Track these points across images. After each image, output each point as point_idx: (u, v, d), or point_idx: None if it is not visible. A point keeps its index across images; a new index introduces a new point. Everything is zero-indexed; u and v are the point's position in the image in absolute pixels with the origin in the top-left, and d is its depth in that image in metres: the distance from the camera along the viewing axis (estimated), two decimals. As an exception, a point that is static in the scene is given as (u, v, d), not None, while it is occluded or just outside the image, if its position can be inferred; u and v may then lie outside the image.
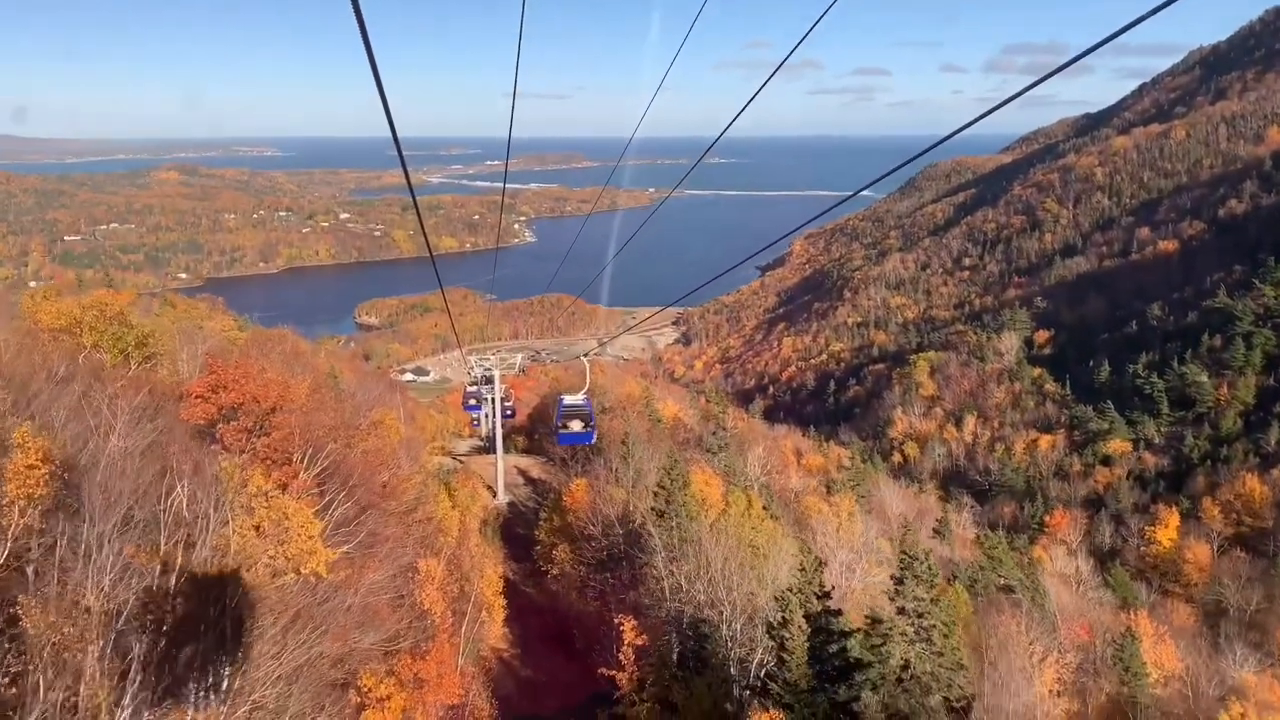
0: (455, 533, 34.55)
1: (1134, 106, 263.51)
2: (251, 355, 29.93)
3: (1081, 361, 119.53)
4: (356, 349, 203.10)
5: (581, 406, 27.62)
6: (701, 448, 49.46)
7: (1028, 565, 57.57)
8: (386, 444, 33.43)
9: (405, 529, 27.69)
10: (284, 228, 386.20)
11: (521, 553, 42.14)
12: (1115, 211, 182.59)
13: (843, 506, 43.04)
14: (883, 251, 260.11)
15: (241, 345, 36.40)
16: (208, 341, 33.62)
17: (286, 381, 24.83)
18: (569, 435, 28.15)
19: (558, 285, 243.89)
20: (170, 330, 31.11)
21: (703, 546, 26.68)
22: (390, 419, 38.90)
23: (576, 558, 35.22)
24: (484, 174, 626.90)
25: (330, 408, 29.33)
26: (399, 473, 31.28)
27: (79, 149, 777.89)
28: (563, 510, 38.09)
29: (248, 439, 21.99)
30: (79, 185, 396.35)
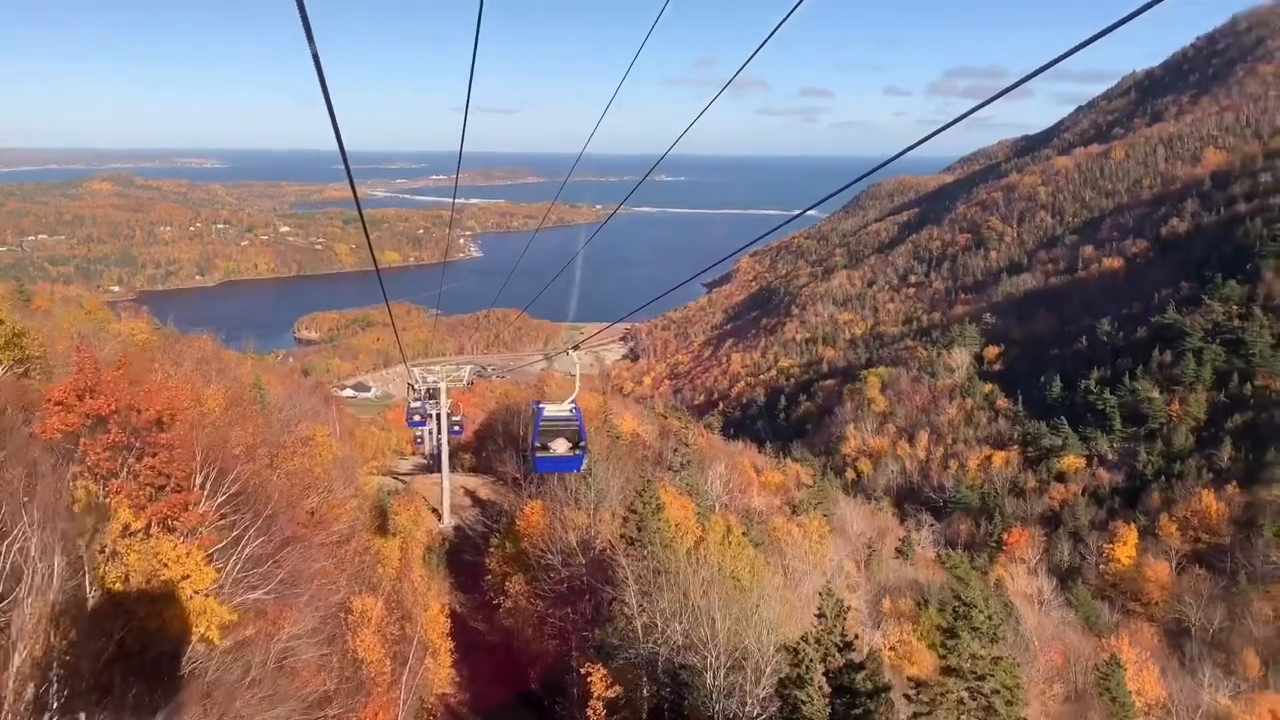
0: (396, 563, 31.05)
1: (1072, 128, 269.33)
2: (153, 360, 26.12)
3: (1032, 377, 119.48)
4: (295, 364, 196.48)
5: (568, 420, 19.96)
6: (662, 465, 46.60)
7: (995, 587, 55.70)
8: (317, 464, 29.81)
9: (337, 563, 24.11)
10: (222, 240, 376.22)
11: (470, 582, 38.34)
12: (1059, 230, 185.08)
13: (812, 528, 40.57)
14: (829, 269, 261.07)
15: (144, 349, 32.24)
16: (108, 345, 29.55)
17: (182, 389, 21.06)
18: (551, 460, 20.19)
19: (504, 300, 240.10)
20: (64, 332, 26.88)
21: (680, 579, 23.65)
22: (322, 435, 35.04)
23: (532, 590, 31.20)
24: (429, 188, 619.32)
25: (250, 422, 25.69)
26: (331, 497, 27.59)
27: (8, 159, 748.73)
28: (516, 536, 34.22)
29: (122, 460, 17.47)
30: (7, 195, 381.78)
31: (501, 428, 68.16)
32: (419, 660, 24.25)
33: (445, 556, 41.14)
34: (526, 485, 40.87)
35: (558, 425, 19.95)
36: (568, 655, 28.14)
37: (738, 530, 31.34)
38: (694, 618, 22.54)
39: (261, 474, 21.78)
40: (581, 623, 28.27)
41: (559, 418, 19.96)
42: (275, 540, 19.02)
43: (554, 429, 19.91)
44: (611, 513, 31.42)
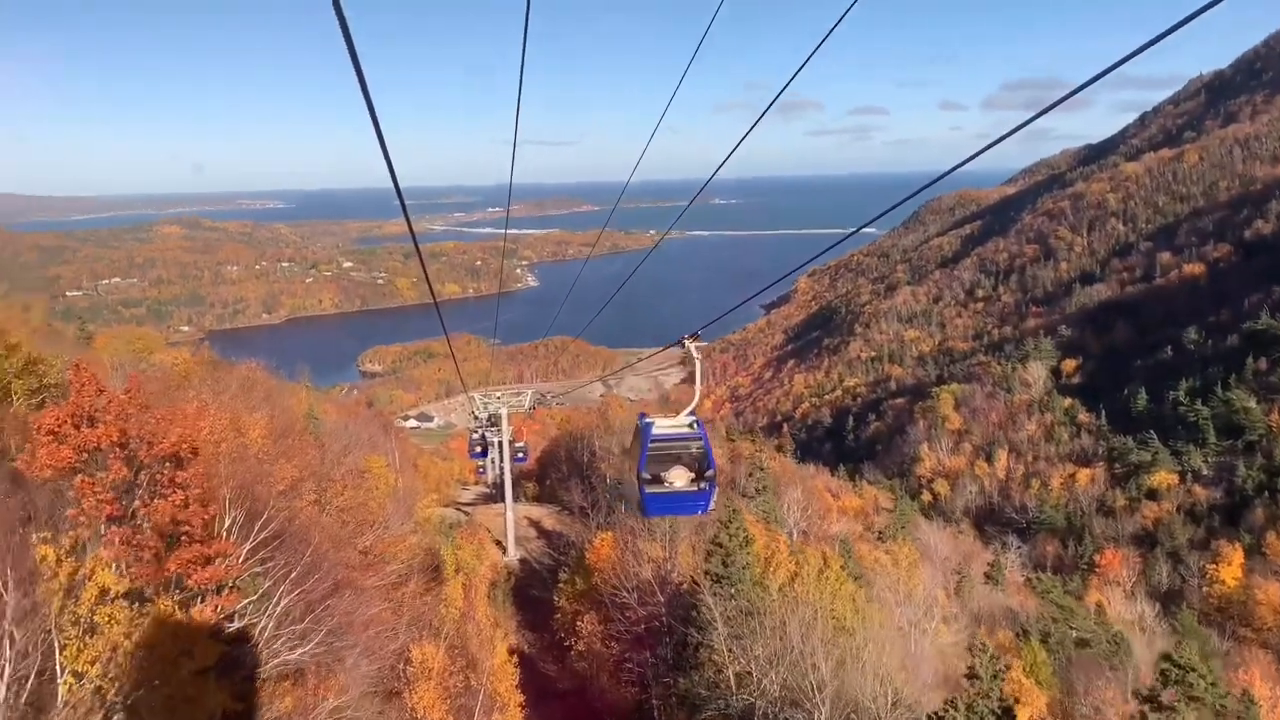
0: (459, 603, 28.90)
1: (1139, 135, 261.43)
2: (189, 388, 24.35)
3: (1115, 390, 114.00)
4: (359, 396, 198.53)
5: (688, 440, 14.54)
6: (735, 490, 44.07)
7: (1098, 614, 51.79)
8: (373, 497, 27.96)
9: (394, 607, 22.08)
10: (287, 278, 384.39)
11: (538, 620, 35.93)
12: (1131, 237, 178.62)
13: (902, 555, 37.52)
14: (891, 286, 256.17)
15: (184, 376, 30.48)
16: (145, 375, 27.82)
17: (218, 416, 19.11)
18: (665, 499, 14.54)
19: (562, 328, 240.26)
20: (100, 363, 25.31)
21: (775, 621, 21.06)
22: (378, 466, 33.17)
23: (606, 630, 28.53)
24: (485, 221, 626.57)
25: (299, 454, 23.88)
26: (387, 534, 25.57)
27: (83, 206, 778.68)
28: (586, 570, 31.69)
29: (118, 502, 14.25)
30: (82, 241, 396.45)
31: (565, 455, 66.36)
32: (486, 718, 21.91)
33: (511, 592, 38.93)
34: (594, 515, 38.66)
35: (673, 447, 14.44)
36: (648, 704, 25.65)
37: (836, 563, 28.58)
38: (795, 666, 19.97)
39: (307, 512, 19.89)
40: (662, 668, 25.64)
41: (675, 437, 14.47)
42: (321, 588, 16.72)
43: (668, 452, 14.37)
44: (691, 545, 28.80)
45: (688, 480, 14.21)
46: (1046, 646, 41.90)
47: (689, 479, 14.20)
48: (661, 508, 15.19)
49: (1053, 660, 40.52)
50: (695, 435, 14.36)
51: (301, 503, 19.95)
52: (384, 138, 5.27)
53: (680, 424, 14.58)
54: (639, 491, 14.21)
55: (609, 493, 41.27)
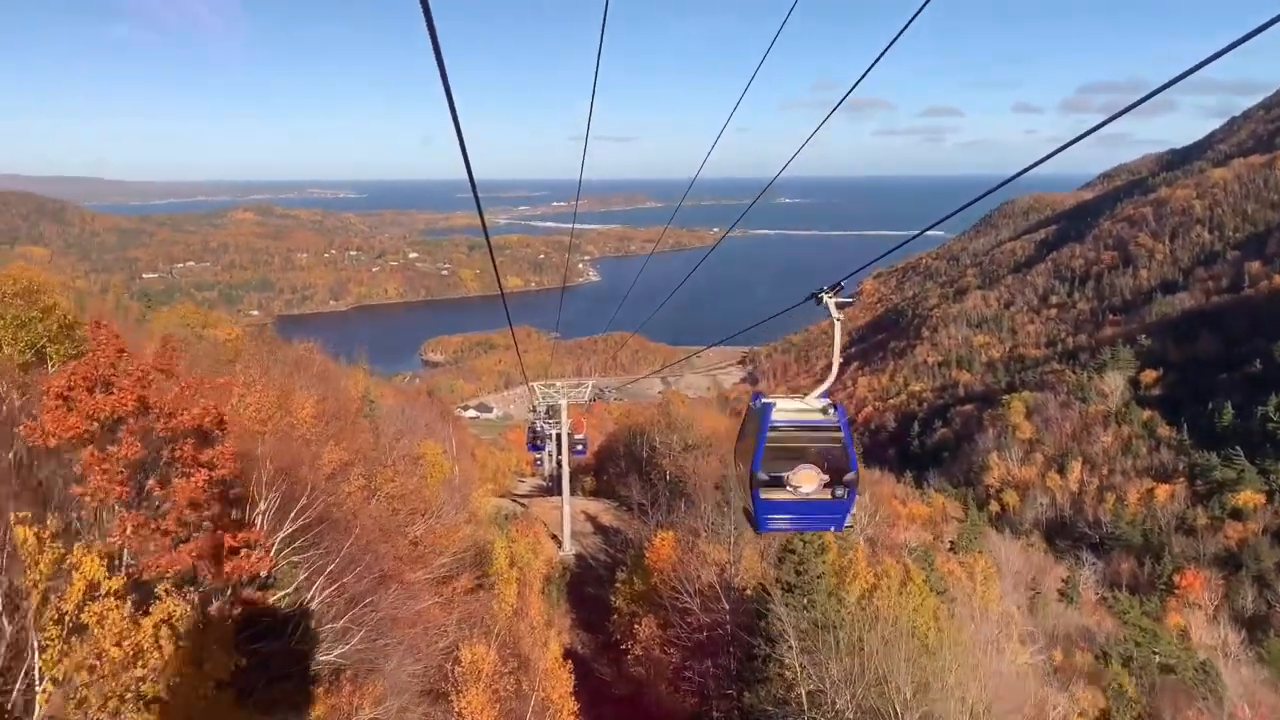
0: (512, 599, 27.70)
1: (1227, 140, 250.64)
2: (234, 362, 23.36)
3: (1198, 403, 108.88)
4: (421, 385, 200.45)
5: (822, 430, 11.10)
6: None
7: (1182, 639, 48.84)
8: (427, 485, 26.91)
9: (444, 602, 20.95)
10: (354, 266, 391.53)
11: (593, 619, 34.71)
12: (1218, 245, 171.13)
13: (977, 568, 35.41)
14: (960, 289, 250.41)
15: (233, 350, 29.49)
16: (195, 349, 26.95)
17: (232, 387, 17.57)
18: (790, 509, 11.11)
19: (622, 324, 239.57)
20: (151, 335, 24.53)
21: (851, 636, 19.38)
22: (433, 453, 32.14)
23: (666, 636, 27.21)
24: (549, 215, 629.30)
25: (351, 436, 22.94)
26: (440, 523, 24.45)
27: (161, 191, 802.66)
28: (645, 571, 30.39)
29: (131, 481, 12.60)
30: (158, 225, 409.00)
31: (623, 450, 65.17)
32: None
33: (566, 588, 37.78)
34: (654, 512, 37.28)
35: (800, 438, 10.92)
36: (708, 716, 24.14)
37: (918, 576, 26.70)
38: (873, 687, 18.30)
39: (355, 498, 18.80)
40: (725, 679, 24.10)
41: (804, 424, 10.96)
42: (365, 580, 15.42)
43: (793, 445, 10.89)
44: (759, 551, 27.14)
45: (819, 484, 10.74)
46: (1128, 671, 39.44)
47: (821, 482, 10.75)
48: (781, 519, 11.29)
49: (1136, 686, 38.04)
50: (831, 424, 10.93)
51: (349, 488, 18.88)
52: (461, 130, 5.40)
53: (811, 408, 11.06)
54: (750, 498, 10.87)
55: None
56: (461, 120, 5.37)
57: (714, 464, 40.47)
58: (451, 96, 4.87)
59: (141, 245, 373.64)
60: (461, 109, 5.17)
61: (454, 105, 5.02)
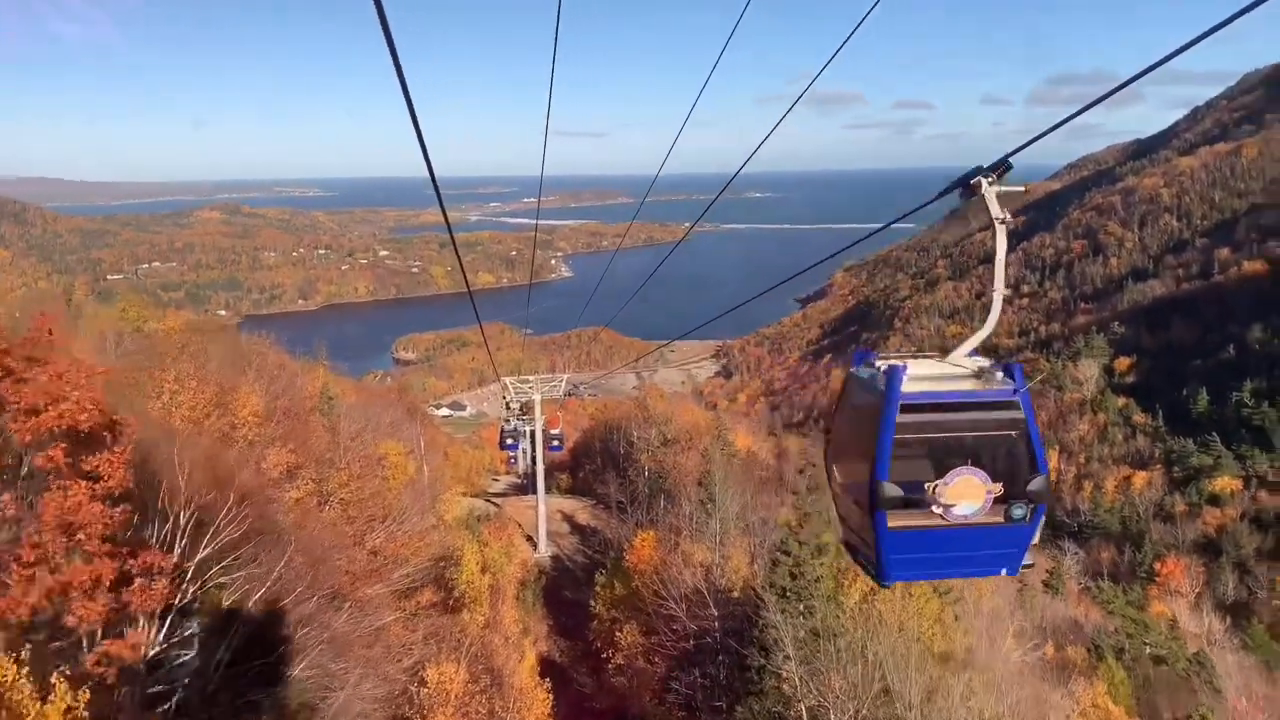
0: (484, 608, 25.99)
1: (1192, 129, 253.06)
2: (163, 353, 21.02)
3: (1172, 390, 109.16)
4: (392, 383, 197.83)
5: (990, 406, 7.11)
6: (784, 488, 40.97)
7: (1171, 629, 48.07)
8: (389, 489, 24.96)
9: (407, 618, 19.21)
10: (323, 265, 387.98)
11: (571, 624, 32.86)
12: (1186, 233, 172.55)
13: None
14: (931, 281, 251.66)
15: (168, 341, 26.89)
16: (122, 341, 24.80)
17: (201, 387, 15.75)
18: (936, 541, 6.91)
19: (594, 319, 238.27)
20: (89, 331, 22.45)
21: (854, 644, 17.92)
22: (395, 453, 30.17)
23: (650, 644, 25.24)
24: (520, 211, 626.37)
25: (302, 437, 21.07)
26: (401, 530, 22.52)
27: (126, 191, 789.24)
28: (625, 573, 28.55)
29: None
30: (123, 225, 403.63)
31: (599, 446, 63.60)
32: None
33: (542, 593, 35.95)
34: (633, 511, 35.74)
35: (952, 428, 7.14)
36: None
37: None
38: (880, 699, 16.89)
39: (304, 505, 17.02)
40: (716, 691, 22.44)
41: (956, 401, 7.20)
42: (316, 597, 13.55)
43: (943, 439, 7.12)
44: (750, 553, 25.52)
45: (985, 501, 6.82)
46: (1121, 664, 38.48)
47: (988, 497, 6.84)
48: (922, 561, 7.31)
49: (1130, 680, 37.10)
50: (1002, 398, 7.27)
51: (298, 493, 17.14)
52: (420, 127, 5.36)
53: (960, 372, 7.47)
54: (871, 521, 6.96)
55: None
56: (432, 116, 5.06)
57: (694, 459, 39.02)
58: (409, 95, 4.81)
59: (106, 246, 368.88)
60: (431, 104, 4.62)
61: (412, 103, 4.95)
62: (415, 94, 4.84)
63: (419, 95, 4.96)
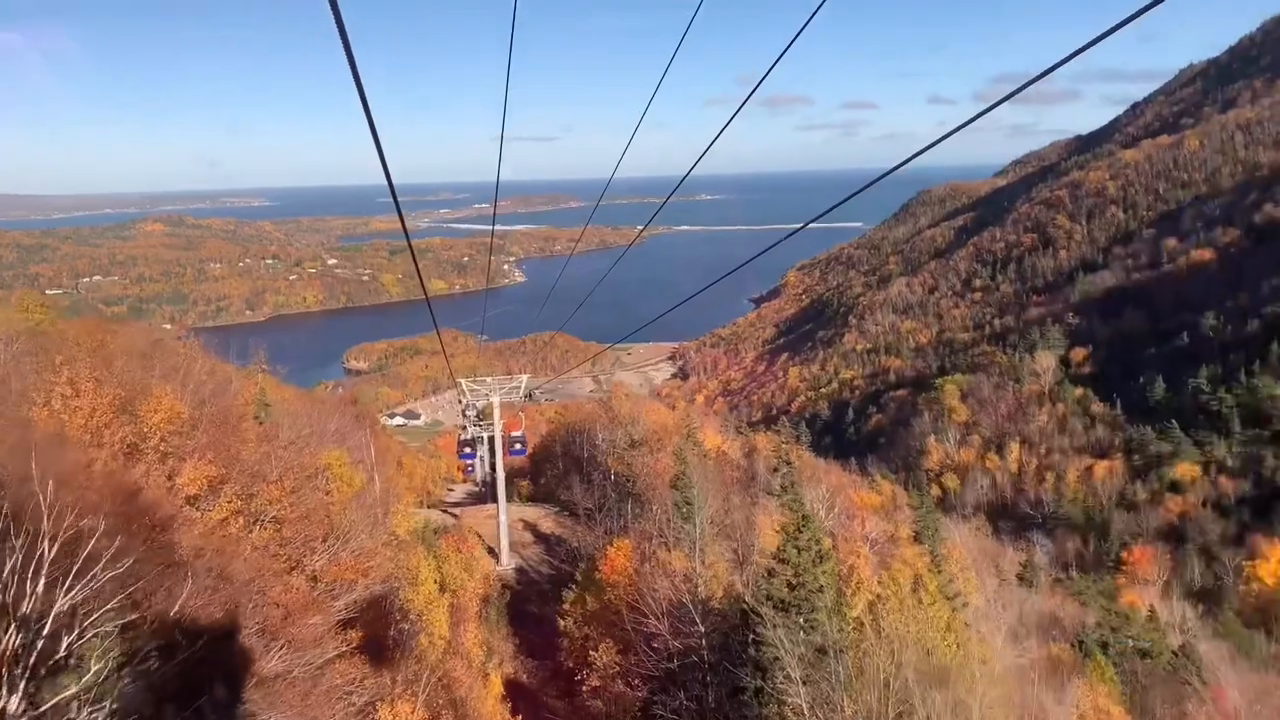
0: (444, 631, 23.66)
1: (1133, 123, 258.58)
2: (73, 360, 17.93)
3: (1129, 379, 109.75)
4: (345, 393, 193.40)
5: None
6: (756, 486, 39.19)
7: (1150, 620, 47.18)
8: (333, 503, 22.38)
9: (354, 651, 16.83)
10: (270, 275, 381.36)
11: (539, 642, 30.24)
12: (1133, 224, 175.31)
13: (953, 560, 32.61)
14: (884, 277, 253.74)
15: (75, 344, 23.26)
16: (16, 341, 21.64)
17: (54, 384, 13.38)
18: None
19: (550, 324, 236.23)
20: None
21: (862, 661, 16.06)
22: (338, 462, 27.46)
23: (628, 664, 22.85)
24: (471, 217, 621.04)
25: (228, 448, 18.52)
26: (345, 550, 19.93)
27: (65, 205, 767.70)
28: (598, 586, 26.14)
29: None
30: (63, 239, 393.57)
31: (561, 450, 61.34)
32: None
33: (506, 609, 33.32)
34: (600, 517, 33.65)
35: None
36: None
37: (932, 583, 23.37)
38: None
39: (226, 527, 14.63)
40: (705, 716, 20.19)
41: None
42: (241, 636, 11.36)
43: None
44: (736, 561, 23.44)
45: None
46: (1109, 660, 37.30)
47: None
48: None
49: (1117, 676, 35.92)
50: None
51: (219, 513, 14.84)
52: (378, 133, 5.20)
53: None
54: None
55: None
56: (378, 122, 4.96)
57: (665, 460, 36.98)
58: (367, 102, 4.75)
59: (44, 261, 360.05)
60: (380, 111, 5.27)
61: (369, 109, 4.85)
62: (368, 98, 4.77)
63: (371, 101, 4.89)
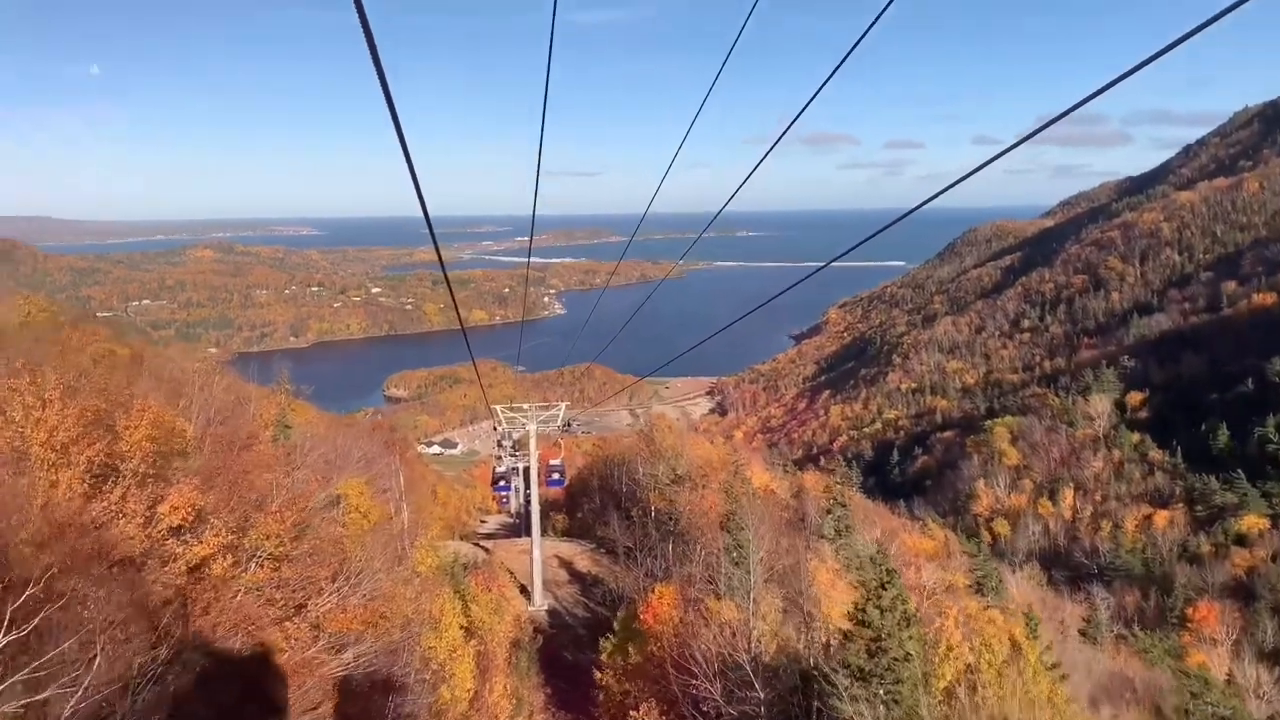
0: (468, 683, 21.54)
1: (1187, 165, 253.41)
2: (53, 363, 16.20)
3: (1189, 425, 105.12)
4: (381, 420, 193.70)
5: None
6: (806, 529, 36.80)
7: (1229, 685, 43.66)
8: (347, 536, 20.44)
9: (363, 711, 14.80)
10: (315, 302, 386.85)
11: (573, 693, 27.59)
12: (1189, 267, 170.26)
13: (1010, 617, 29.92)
14: (928, 316, 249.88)
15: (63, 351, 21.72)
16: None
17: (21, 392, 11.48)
18: None
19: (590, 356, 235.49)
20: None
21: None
22: (356, 492, 25.38)
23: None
24: (513, 250, 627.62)
25: (230, 472, 16.61)
26: (355, 592, 17.54)
27: (120, 230, 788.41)
28: (639, 636, 23.71)
29: None
30: (114, 263, 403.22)
31: (598, 484, 59.26)
32: None
33: (538, 655, 30.84)
34: (641, 557, 31.48)
35: None
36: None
37: (1033, 651, 20.71)
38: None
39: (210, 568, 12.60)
40: None
41: None
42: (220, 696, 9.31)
43: None
44: (801, 620, 20.91)
45: None
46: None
47: None
48: None
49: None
50: None
51: (204, 548, 12.83)
52: (414, 165, 5.32)
53: None
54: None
55: None
56: (426, 155, 4.75)
57: (711, 497, 34.73)
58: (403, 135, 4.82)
59: (96, 284, 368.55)
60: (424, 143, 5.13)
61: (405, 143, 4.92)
62: (410, 134, 4.82)
63: (414, 135, 5.39)
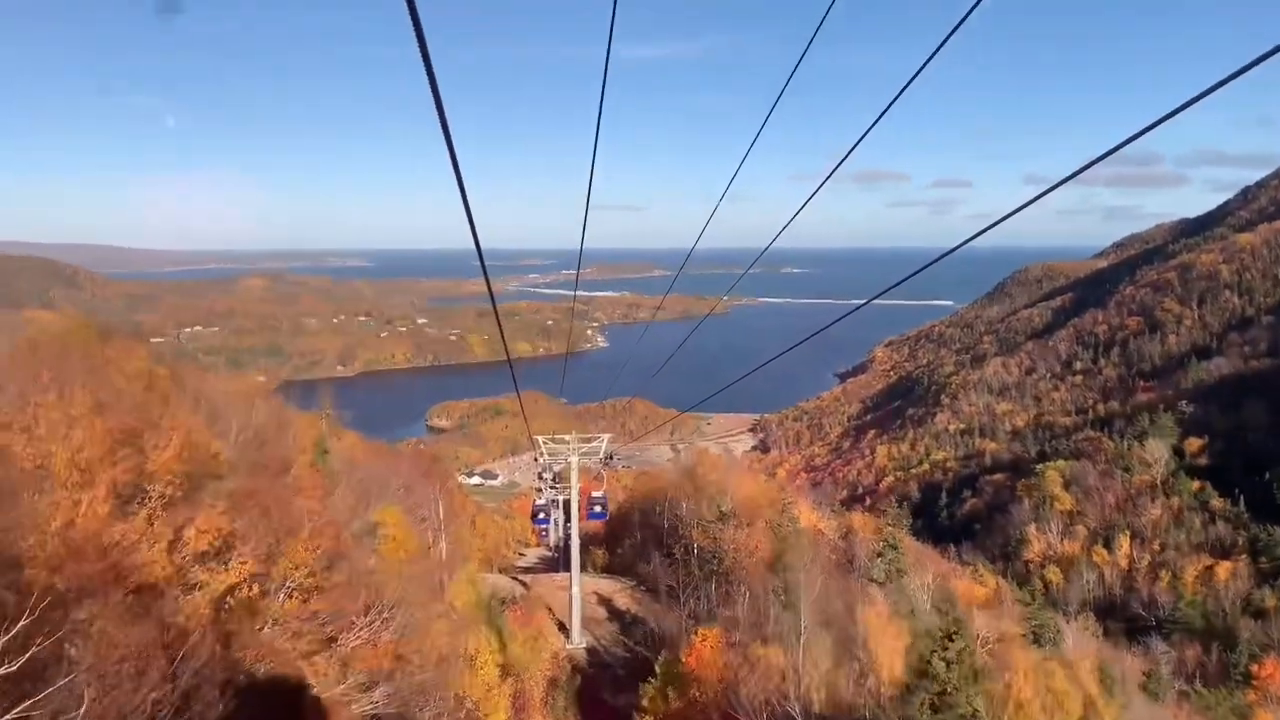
0: None
1: (1246, 208, 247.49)
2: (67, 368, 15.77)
3: (1252, 473, 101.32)
4: (424, 450, 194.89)
5: None
6: (855, 572, 35.52)
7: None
8: (383, 566, 19.88)
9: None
10: (363, 332, 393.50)
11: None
12: (1249, 310, 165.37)
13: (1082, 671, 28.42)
14: (977, 357, 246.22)
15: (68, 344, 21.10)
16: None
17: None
18: None
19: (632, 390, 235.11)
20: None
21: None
22: (394, 520, 24.93)
23: None
24: (559, 283, 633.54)
25: (264, 496, 16.14)
26: (386, 628, 16.73)
27: (176, 259, 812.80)
28: (680, 680, 22.72)
29: None
30: (167, 291, 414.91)
31: (639, 519, 58.36)
32: None
33: (575, 695, 29.83)
34: (684, 596, 30.51)
35: None
36: None
37: (1110, 710, 19.56)
38: None
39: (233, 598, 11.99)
40: None
41: None
42: None
43: None
44: (856, 671, 19.88)
45: None
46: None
47: None
48: None
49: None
50: None
51: (231, 577, 12.33)
52: (467, 196, 5.48)
53: None
54: None
55: None
56: (474, 189, 5.35)
57: (757, 536, 33.68)
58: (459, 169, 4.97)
59: (149, 310, 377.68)
60: (472, 178, 5.30)
61: (461, 176, 5.09)
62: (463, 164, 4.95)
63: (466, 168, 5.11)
